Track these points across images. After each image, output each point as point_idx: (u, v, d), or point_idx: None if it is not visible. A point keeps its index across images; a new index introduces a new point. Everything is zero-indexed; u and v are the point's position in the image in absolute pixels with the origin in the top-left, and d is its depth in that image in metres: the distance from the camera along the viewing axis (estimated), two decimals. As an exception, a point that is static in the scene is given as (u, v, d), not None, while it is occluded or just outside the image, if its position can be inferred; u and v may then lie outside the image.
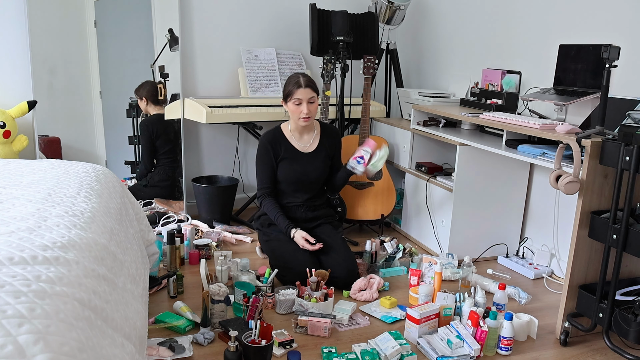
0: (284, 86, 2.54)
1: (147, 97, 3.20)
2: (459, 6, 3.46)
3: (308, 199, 2.64)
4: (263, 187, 2.60)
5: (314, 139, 2.64)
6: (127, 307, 1.31)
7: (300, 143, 2.61)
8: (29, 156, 3.05)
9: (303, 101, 2.46)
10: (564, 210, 2.75)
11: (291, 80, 2.51)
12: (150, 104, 3.21)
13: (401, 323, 2.20)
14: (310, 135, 2.64)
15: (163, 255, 2.60)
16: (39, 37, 2.92)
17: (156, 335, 1.99)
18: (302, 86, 2.46)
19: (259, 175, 2.61)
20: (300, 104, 2.47)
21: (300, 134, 2.62)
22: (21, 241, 1.19)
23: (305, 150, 2.61)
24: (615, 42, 2.43)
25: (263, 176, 2.59)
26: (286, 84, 2.53)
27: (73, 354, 0.92)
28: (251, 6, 3.48)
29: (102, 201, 1.68)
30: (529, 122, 2.30)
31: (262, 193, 2.60)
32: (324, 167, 2.64)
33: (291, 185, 2.60)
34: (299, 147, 2.60)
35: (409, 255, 2.82)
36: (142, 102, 3.20)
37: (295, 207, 2.63)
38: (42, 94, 2.99)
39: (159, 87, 3.19)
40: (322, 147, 2.64)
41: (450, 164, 3.22)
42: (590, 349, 2.07)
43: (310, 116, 2.49)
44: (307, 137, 2.63)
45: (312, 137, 2.64)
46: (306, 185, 2.61)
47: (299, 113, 2.48)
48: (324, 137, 2.66)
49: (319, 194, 2.70)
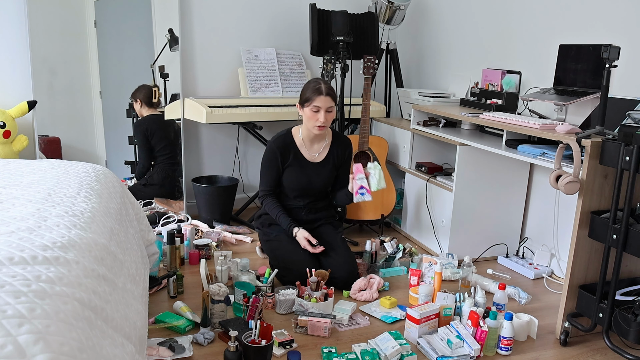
0: (304, 89, 2.47)
1: (142, 100, 3.21)
2: (459, 6, 3.46)
3: (310, 202, 2.63)
4: (265, 189, 2.59)
5: (323, 149, 2.61)
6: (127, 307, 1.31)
7: (310, 152, 2.57)
8: (29, 156, 3.05)
9: (321, 109, 2.41)
10: (564, 210, 2.75)
11: (311, 86, 2.44)
12: (144, 106, 3.22)
13: (401, 323, 2.20)
14: (320, 144, 2.60)
15: (163, 255, 2.60)
16: (39, 37, 2.92)
17: (156, 335, 1.99)
18: (322, 94, 2.40)
19: (263, 177, 2.59)
20: (318, 111, 2.42)
21: (311, 142, 2.58)
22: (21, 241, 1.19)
23: (314, 160, 2.58)
24: (615, 42, 2.43)
25: (267, 180, 2.57)
26: (306, 88, 2.46)
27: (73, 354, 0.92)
28: (251, 6, 3.48)
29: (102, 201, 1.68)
30: (529, 122, 2.30)
31: (264, 194, 2.60)
32: (329, 177, 2.61)
33: (294, 192, 2.58)
34: (308, 156, 2.57)
35: (409, 255, 2.82)
36: (137, 104, 3.21)
37: (297, 209, 2.62)
38: (42, 94, 2.99)
39: (154, 90, 3.19)
40: (331, 157, 2.61)
41: (450, 164, 3.22)
42: (590, 349, 2.07)
43: (326, 125, 2.45)
44: (317, 146, 2.59)
45: (322, 147, 2.60)
46: (309, 194, 2.60)
47: (315, 121, 2.44)
48: (335, 147, 2.62)
49: (322, 197, 2.68)
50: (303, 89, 2.48)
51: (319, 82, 2.45)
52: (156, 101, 3.21)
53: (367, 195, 2.44)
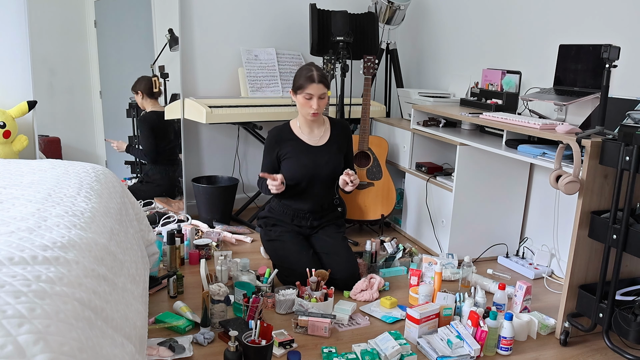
0: (296, 77, 2.47)
1: (143, 91, 3.21)
2: (459, 6, 3.46)
3: (314, 210, 2.57)
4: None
5: (324, 133, 2.60)
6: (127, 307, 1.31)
7: (310, 137, 2.57)
8: (29, 156, 3.05)
9: (314, 96, 2.42)
10: (564, 210, 2.75)
11: (303, 73, 2.43)
12: (145, 98, 3.21)
13: (401, 323, 2.20)
14: (320, 129, 2.59)
15: (163, 255, 2.60)
16: (39, 37, 2.92)
17: (156, 335, 1.99)
18: (315, 81, 2.40)
19: (262, 164, 2.61)
20: (310, 98, 2.43)
21: (310, 128, 2.57)
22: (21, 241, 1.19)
23: (317, 143, 2.57)
24: (615, 42, 2.43)
25: (264, 168, 2.59)
26: (298, 76, 2.46)
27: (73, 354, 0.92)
28: (251, 6, 3.48)
29: (102, 201, 1.68)
30: (529, 122, 2.30)
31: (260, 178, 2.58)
32: (336, 161, 2.57)
33: (302, 183, 2.52)
34: (310, 141, 2.56)
35: (409, 255, 2.82)
36: (139, 96, 3.21)
37: (302, 215, 2.59)
38: (42, 94, 2.99)
39: (153, 80, 3.19)
40: (334, 140, 2.59)
41: (450, 164, 3.22)
42: (590, 349, 2.07)
43: (319, 112, 2.46)
44: (318, 130, 2.59)
45: (323, 131, 2.60)
46: (317, 183, 2.54)
47: (309, 108, 2.44)
48: (335, 130, 2.62)
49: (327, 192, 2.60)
50: (296, 76, 2.48)
51: (311, 69, 2.44)
52: (157, 91, 3.21)
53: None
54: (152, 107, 3.25)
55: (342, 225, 2.68)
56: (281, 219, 2.60)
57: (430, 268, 2.52)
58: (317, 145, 2.57)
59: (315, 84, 2.40)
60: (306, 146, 2.55)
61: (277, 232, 2.57)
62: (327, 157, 2.56)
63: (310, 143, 2.56)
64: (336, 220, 2.67)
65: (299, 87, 2.44)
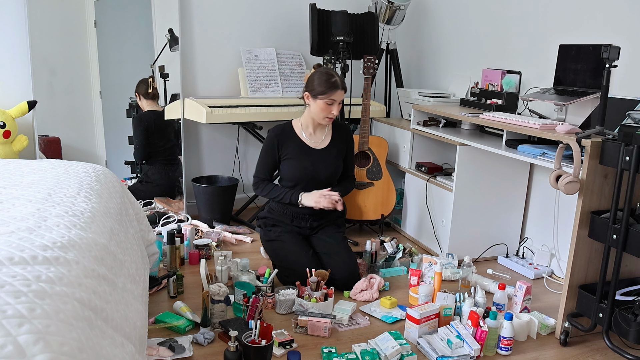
0: (316, 81, 2.43)
1: (140, 93, 3.23)
2: (459, 6, 3.46)
3: (313, 211, 2.54)
4: (260, 176, 2.59)
5: (326, 136, 2.60)
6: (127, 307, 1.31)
7: (312, 139, 2.57)
8: (29, 156, 3.05)
9: (335, 102, 2.43)
10: (564, 210, 2.75)
11: (325, 79, 2.41)
12: (142, 99, 3.23)
13: (401, 323, 2.20)
14: (322, 131, 2.60)
15: (163, 255, 2.60)
16: (39, 37, 2.92)
17: (156, 335, 1.99)
18: (339, 88, 2.42)
19: (259, 164, 2.59)
20: (332, 104, 2.44)
21: (313, 130, 2.58)
22: (21, 241, 1.19)
23: (317, 146, 2.57)
24: (615, 42, 2.43)
25: (262, 167, 2.58)
26: (319, 81, 2.42)
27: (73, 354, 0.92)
28: (251, 6, 3.48)
29: (102, 201, 1.68)
30: (529, 122, 2.30)
31: (258, 180, 2.59)
32: (335, 165, 2.58)
33: (300, 185, 2.53)
34: (311, 143, 2.56)
35: (409, 255, 2.82)
36: (137, 98, 3.23)
37: (302, 216, 2.58)
38: (42, 94, 2.99)
39: (149, 81, 3.20)
40: (335, 144, 2.60)
41: (450, 164, 3.22)
42: (590, 349, 2.07)
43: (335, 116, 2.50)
44: (320, 133, 2.59)
45: (325, 134, 2.60)
46: (316, 185, 2.54)
47: (328, 113, 2.45)
48: (336, 132, 2.63)
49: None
50: (315, 81, 2.44)
51: (332, 74, 2.43)
52: (151, 91, 3.22)
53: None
54: (150, 108, 3.25)
55: (342, 225, 2.68)
56: (281, 220, 2.60)
57: (430, 268, 2.52)
58: (317, 148, 2.57)
59: (340, 90, 2.43)
60: (307, 148, 2.55)
61: (276, 232, 2.58)
62: (327, 160, 2.57)
63: (311, 145, 2.56)
64: (336, 220, 2.67)
65: (321, 93, 2.42)
